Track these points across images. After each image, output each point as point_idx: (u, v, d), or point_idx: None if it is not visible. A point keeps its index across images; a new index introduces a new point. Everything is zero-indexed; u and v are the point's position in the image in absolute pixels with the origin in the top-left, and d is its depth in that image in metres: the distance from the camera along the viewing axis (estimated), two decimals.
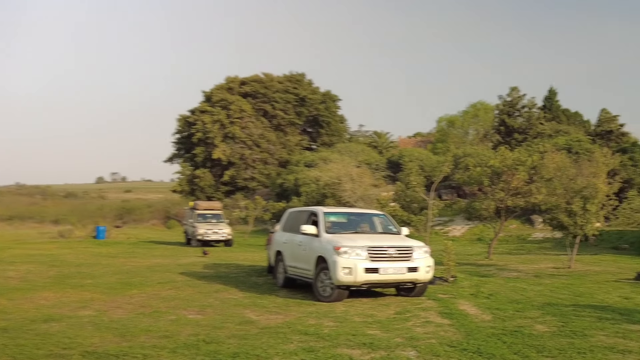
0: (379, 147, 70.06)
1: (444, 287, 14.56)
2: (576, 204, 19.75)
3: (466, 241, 35.27)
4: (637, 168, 37.15)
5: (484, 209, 23.86)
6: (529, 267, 20.95)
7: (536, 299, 12.89)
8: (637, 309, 11.53)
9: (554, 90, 67.54)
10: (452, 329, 9.37)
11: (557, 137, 50.59)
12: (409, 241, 13.16)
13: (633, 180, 34.41)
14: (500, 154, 24.03)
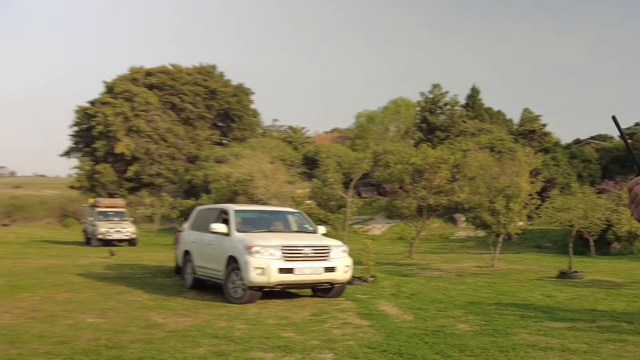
0: (294, 143, 70.21)
1: (363, 287, 14.65)
2: (499, 202, 20.34)
3: (387, 240, 35.84)
4: (559, 168, 38.78)
5: (405, 208, 24.27)
6: (451, 266, 21.50)
7: (459, 298, 13.19)
8: (559, 307, 11.97)
9: (477, 88, 69.69)
10: (372, 330, 9.43)
11: (480, 135, 52.18)
12: (326, 240, 13.23)
13: (555, 179, 35.93)
14: (422, 151, 24.46)
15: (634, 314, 11.09)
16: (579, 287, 15.32)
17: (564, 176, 37.84)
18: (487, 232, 21.39)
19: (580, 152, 43.42)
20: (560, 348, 8.22)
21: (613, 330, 9.48)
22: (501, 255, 23.30)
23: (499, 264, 21.51)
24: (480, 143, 41.36)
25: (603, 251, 26.66)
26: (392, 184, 29.09)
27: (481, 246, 29.09)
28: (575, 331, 9.44)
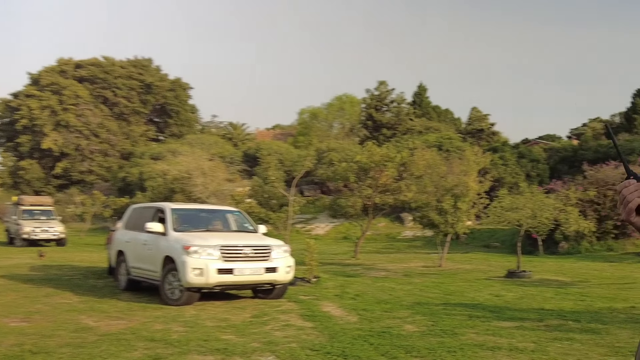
0: (235, 140, 70.01)
1: (306, 288, 14.71)
2: (447, 202, 20.64)
3: (331, 240, 36.03)
4: (508, 167, 39.63)
5: (350, 206, 24.41)
6: (398, 266, 21.75)
7: (405, 298, 13.33)
8: (507, 307, 12.23)
9: (424, 86, 70.72)
10: (315, 332, 9.45)
11: (427, 134, 52.89)
12: (267, 240, 13.26)
13: (504, 179, 36.70)
14: (367, 149, 24.62)
15: (581, 313, 11.41)
16: (527, 287, 15.71)
17: (512, 176, 38.70)
18: (434, 231, 21.70)
19: (528, 152, 44.45)
20: (508, 347, 8.38)
21: (560, 329, 9.73)
22: (449, 254, 23.70)
23: (447, 264, 21.88)
24: (427, 141, 41.91)
25: (551, 250, 27.46)
26: (336, 183, 29.23)
27: (429, 246, 29.49)
28: (523, 330, 9.64)
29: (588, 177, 29.78)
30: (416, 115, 63.84)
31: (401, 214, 38.73)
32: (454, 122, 71.52)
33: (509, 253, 26.99)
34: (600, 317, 10.88)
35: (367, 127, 61.63)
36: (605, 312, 11.52)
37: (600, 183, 28.45)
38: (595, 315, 11.19)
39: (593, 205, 27.42)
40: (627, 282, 16.99)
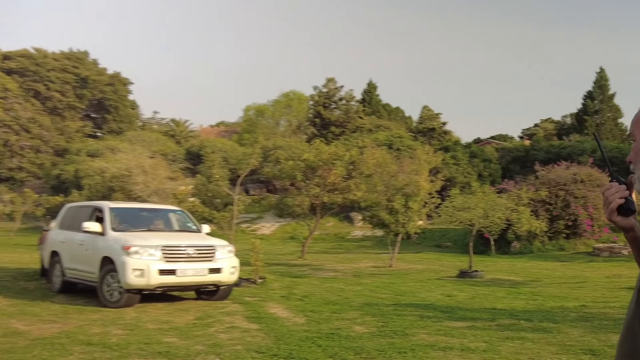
0: (177, 137, 69.52)
1: (252, 289, 14.74)
2: (398, 201, 20.84)
3: (277, 240, 36.08)
4: (460, 167, 40.21)
5: (297, 206, 24.48)
6: (347, 266, 21.94)
7: (355, 299, 13.42)
8: (459, 306, 12.43)
9: (374, 84, 71.27)
10: (261, 334, 9.47)
11: (377, 132, 53.31)
12: (211, 240, 13.29)
13: (455, 178, 37.24)
14: (315, 147, 24.71)
15: (533, 312, 11.65)
16: (479, 286, 16.00)
17: (464, 175, 39.26)
18: (385, 231, 21.90)
19: (480, 152, 45.15)
20: (459, 347, 8.51)
21: (512, 329, 9.92)
22: (400, 254, 23.98)
23: (398, 264, 22.13)
24: (377, 140, 42.21)
25: (503, 250, 28.03)
26: (282, 181, 29.30)
27: (379, 246, 29.77)
28: (475, 330, 9.80)
29: (540, 177, 30.43)
30: (366, 113, 64.26)
31: (350, 214, 39.03)
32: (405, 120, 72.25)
33: (461, 253, 27.47)
34: (551, 316, 11.13)
35: (315, 125, 61.78)
36: (556, 311, 11.79)
37: (551, 183, 29.10)
38: (547, 314, 11.44)
39: (545, 205, 28.03)
40: (578, 281, 17.44)
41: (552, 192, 28.33)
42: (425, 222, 30.64)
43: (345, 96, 64.02)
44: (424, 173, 22.39)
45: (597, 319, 10.79)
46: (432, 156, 24.17)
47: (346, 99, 63.94)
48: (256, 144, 40.97)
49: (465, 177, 38.49)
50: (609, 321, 10.56)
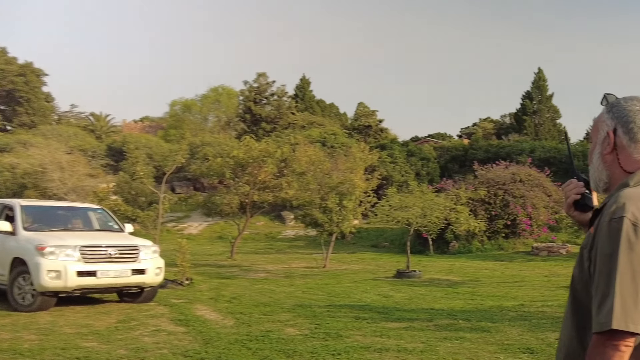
0: (98, 132, 68.54)
1: (178, 291, 14.71)
2: (332, 200, 20.96)
3: (205, 240, 35.95)
4: (397, 165, 40.62)
5: (226, 204, 24.39)
6: (278, 267, 22.09)
7: (286, 301, 13.51)
8: (396, 307, 12.64)
9: (307, 79, 71.45)
10: (188, 337, 9.47)
11: (310, 129, 53.43)
12: (134, 240, 13.23)
13: (392, 177, 37.61)
14: (245, 144, 24.65)
15: (471, 312, 11.94)
16: (416, 287, 16.30)
17: (401, 174, 39.67)
18: (318, 230, 22.00)
19: (418, 150, 45.71)
20: (396, 348, 8.64)
21: (450, 329, 10.14)
22: (334, 255, 24.18)
23: (332, 264, 22.33)
24: (310, 137, 42.37)
25: (442, 250, 28.52)
26: (210, 179, 29.17)
27: (312, 246, 29.99)
28: (412, 331, 9.98)
29: (479, 177, 31.05)
30: (298, 109, 64.41)
31: (282, 213, 39.14)
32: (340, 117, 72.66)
33: (398, 253, 27.75)
34: (490, 316, 11.43)
35: (245, 121, 61.66)
36: (495, 311, 12.11)
37: (490, 183, 29.71)
38: (485, 313, 11.74)
39: (484, 204, 28.60)
40: (517, 281, 17.92)
41: (491, 192, 28.92)
42: (360, 222, 30.86)
43: (277, 92, 64.10)
44: (359, 171, 22.56)
45: (535, 318, 11.12)
46: (367, 154, 24.37)
47: (278, 94, 64.00)
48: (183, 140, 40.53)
49: (403, 176, 38.92)
50: (547, 320, 10.90)
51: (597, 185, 2.36)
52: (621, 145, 2.25)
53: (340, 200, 21.12)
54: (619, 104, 2.31)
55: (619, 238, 2.01)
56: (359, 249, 30.90)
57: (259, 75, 63.74)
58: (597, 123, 2.38)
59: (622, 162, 2.25)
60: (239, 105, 64.45)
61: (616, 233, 2.02)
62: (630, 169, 2.24)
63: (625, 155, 2.25)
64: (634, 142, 2.23)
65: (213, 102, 67.02)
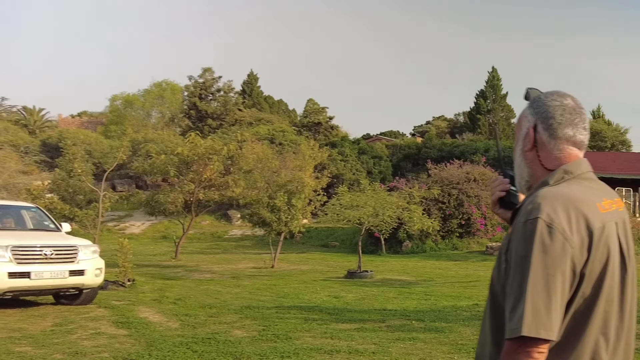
0: (31, 127, 67.38)
1: (120, 292, 14.63)
2: (280, 198, 21.01)
3: (148, 239, 35.78)
4: (348, 163, 40.82)
5: (170, 203, 24.28)
6: (225, 267, 22.12)
7: (233, 302, 13.51)
8: (347, 308, 12.71)
9: (255, 75, 71.43)
10: (130, 340, 9.38)
11: (258, 125, 53.42)
12: (72, 239, 13.08)
13: (343, 175, 37.81)
14: (190, 140, 24.61)
15: (424, 312, 12.05)
16: (368, 287, 16.43)
17: (352, 172, 39.91)
18: (266, 230, 22.03)
19: (370, 148, 45.97)
20: (347, 350, 8.67)
21: (403, 329, 10.20)
22: (283, 255, 24.33)
23: (280, 265, 22.47)
24: (258, 134, 42.44)
25: (395, 250, 28.76)
26: (154, 177, 28.98)
27: (259, 245, 30.05)
28: (364, 332, 10.01)
29: (432, 176, 31.34)
30: (246, 106, 64.33)
31: (228, 212, 39.24)
32: (289, 114, 72.73)
33: (349, 253, 27.97)
34: (444, 316, 11.55)
35: (190, 117, 61.30)
36: (449, 311, 12.25)
37: (444, 182, 30.01)
38: (439, 313, 11.86)
39: (438, 204, 28.88)
40: (471, 280, 18.17)
41: (444, 191, 29.20)
42: (310, 221, 30.99)
43: (224, 87, 63.80)
44: (309, 169, 22.68)
45: None
46: (317, 152, 24.51)
47: (225, 90, 63.71)
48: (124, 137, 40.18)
49: (354, 174, 39.16)
50: None
51: (520, 184, 2.35)
52: (541, 142, 2.24)
53: (289, 198, 21.20)
54: (540, 99, 2.28)
55: (533, 240, 1.98)
56: (309, 248, 31.02)
57: (205, 71, 63.39)
58: (519, 119, 2.36)
59: (542, 159, 2.24)
60: (184, 101, 64.04)
61: (530, 235, 1.99)
62: (550, 166, 2.23)
63: (545, 152, 2.24)
64: (553, 138, 2.22)
65: (156, 97, 66.47)
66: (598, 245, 2.02)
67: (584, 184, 2.18)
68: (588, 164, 2.25)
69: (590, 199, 2.10)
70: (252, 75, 71.02)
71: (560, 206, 2.02)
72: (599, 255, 2.02)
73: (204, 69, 63.33)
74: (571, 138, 2.22)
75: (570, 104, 2.24)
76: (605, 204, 2.14)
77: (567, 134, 2.22)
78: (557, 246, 1.96)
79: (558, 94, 2.26)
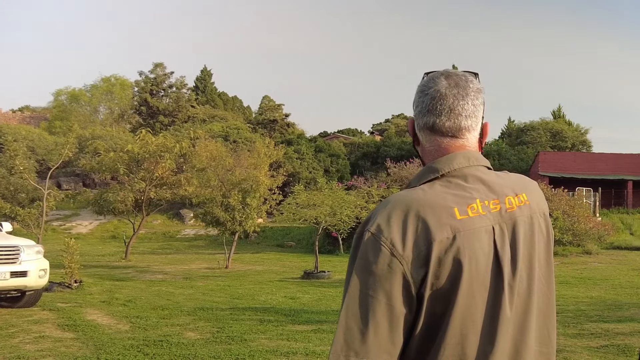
0: None
1: (66, 294, 14.48)
2: (234, 197, 21.01)
3: (96, 239, 35.56)
4: (304, 161, 40.91)
5: (120, 202, 24.14)
6: (177, 268, 22.06)
7: (186, 303, 13.49)
8: (303, 309, 12.75)
9: (209, 71, 71.18)
10: (77, 343, 9.26)
11: (212, 123, 53.39)
12: (13, 239, 12.92)
13: (299, 174, 37.90)
14: (140, 138, 24.52)
15: None
16: (326, 287, 16.52)
17: (309, 170, 40.04)
18: (220, 229, 22.02)
19: (327, 146, 46.14)
20: (304, 352, 8.67)
21: None
22: (237, 255, 24.43)
23: (235, 265, 22.49)
24: (212, 131, 42.44)
25: None
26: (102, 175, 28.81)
27: (213, 245, 30.28)
28: (321, 333, 10.02)
29: (391, 174, 31.54)
30: (199, 102, 64.20)
31: (181, 211, 39.44)
32: (243, 111, 72.66)
33: (305, 253, 28.23)
34: None
35: (140, 114, 60.98)
36: None
37: (404, 181, 30.24)
38: None
39: None
40: None
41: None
42: (265, 220, 31.01)
43: (176, 83, 63.58)
44: (264, 167, 22.69)
45: None
46: (273, 150, 24.50)
47: (177, 86, 63.49)
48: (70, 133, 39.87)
49: (311, 173, 39.30)
50: None
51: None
52: (414, 134, 1.99)
53: (243, 197, 21.23)
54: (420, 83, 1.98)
55: (356, 256, 1.74)
56: (264, 248, 31.13)
57: (156, 66, 63.09)
58: None
59: (422, 155, 1.97)
60: (134, 97, 63.71)
61: (355, 249, 1.76)
62: (427, 160, 1.94)
63: (422, 147, 1.97)
64: (420, 130, 1.96)
65: (104, 92, 65.97)
66: (443, 259, 1.71)
67: (452, 183, 1.84)
68: (469, 157, 1.89)
69: (447, 204, 1.77)
70: (205, 71, 70.83)
71: (398, 215, 1.74)
72: (444, 270, 1.72)
73: (155, 64, 63.13)
74: (435, 126, 1.90)
75: (438, 86, 1.91)
76: (476, 207, 1.80)
77: (428, 122, 1.91)
78: (381, 263, 1.70)
79: (431, 77, 1.94)
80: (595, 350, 8.64)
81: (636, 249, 28.10)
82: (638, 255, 26.13)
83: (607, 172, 44.74)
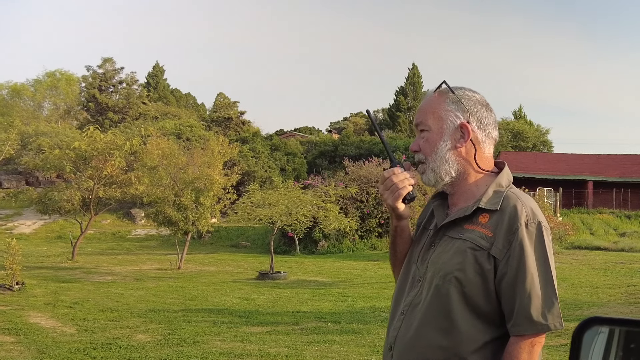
0: None
1: (7, 296, 14.33)
2: (187, 196, 21.00)
3: (40, 240, 35.19)
4: (259, 160, 40.93)
5: (66, 201, 23.93)
6: (127, 269, 21.92)
7: (136, 305, 13.41)
8: (258, 311, 12.77)
9: (161, 67, 70.96)
10: (19, 347, 9.20)
11: (164, 120, 53.23)
12: None
13: (254, 172, 37.90)
14: (88, 135, 24.35)
15: (341, 314, 12.18)
16: (281, 288, 16.60)
17: (264, 169, 40.07)
18: (172, 229, 21.99)
19: (283, 144, 46.23)
20: (259, 354, 8.70)
21: (318, 332, 10.29)
22: (190, 255, 24.41)
23: (188, 266, 22.46)
24: (164, 128, 42.33)
25: (310, 250, 29.15)
26: (47, 172, 28.57)
27: (165, 246, 30.34)
28: (277, 335, 10.09)
29: (350, 174, 31.59)
30: (151, 99, 63.93)
31: (131, 210, 39.32)
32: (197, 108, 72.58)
33: (261, 253, 28.33)
34: (361, 317, 11.72)
35: (88, 110, 60.44)
36: (367, 312, 12.43)
37: (362, 180, 30.32)
38: (356, 315, 12.02)
39: (355, 202, 29.20)
40: (390, 281, 18.19)
41: (363, 189, 29.51)
42: (219, 220, 30.94)
43: (126, 79, 63.10)
44: (218, 166, 22.66)
45: None
46: (227, 148, 24.44)
47: (127, 82, 63.01)
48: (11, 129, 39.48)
49: (266, 171, 39.32)
50: None
51: (438, 179, 2.33)
52: (476, 140, 2.30)
53: (196, 196, 21.23)
54: (467, 96, 2.33)
55: (544, 242, 2.18)
56: (218, 249, 31.20)
57: (105, 61, 62.49)
58: (437, 111, 2.32)
59: (478, 158, 2.31)
60: (81, 92, 63.05)
61: (539, 237, 2.17)
62: (484, 166, 2.32)
63: (480, 151, 2.31)
64: (488, 138, 2.33)
65: (49, 87, 65.21)
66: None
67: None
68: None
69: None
70: (157, 67, 70.55)
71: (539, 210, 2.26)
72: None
73: (104, 59, 62.53)
74: (495, 139, 2.37)
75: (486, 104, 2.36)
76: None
77: (494, 135, 2.36)
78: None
79: (473, 92, 2.35)
80: (555, 349, 8.77)
81: (596, 249, 29.05)
82: (598, 254, 26.74)
83: (568, 173, 45.64)
